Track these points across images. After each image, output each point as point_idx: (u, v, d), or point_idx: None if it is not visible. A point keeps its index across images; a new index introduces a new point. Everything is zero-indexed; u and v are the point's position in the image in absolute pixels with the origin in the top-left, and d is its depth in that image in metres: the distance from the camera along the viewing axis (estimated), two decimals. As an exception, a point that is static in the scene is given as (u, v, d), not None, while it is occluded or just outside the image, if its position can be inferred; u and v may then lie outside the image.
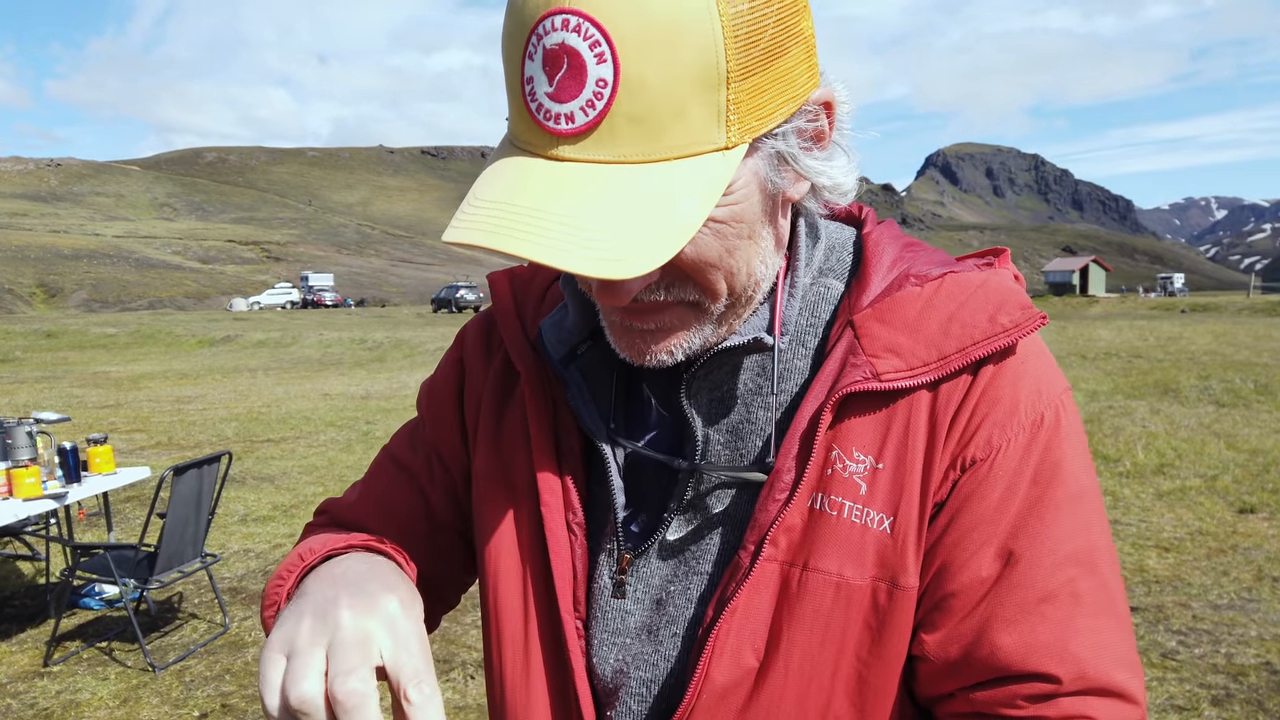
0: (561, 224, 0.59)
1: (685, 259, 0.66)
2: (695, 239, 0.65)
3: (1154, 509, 6.57)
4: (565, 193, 0.60)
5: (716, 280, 0.68)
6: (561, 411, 0.81)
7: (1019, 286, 0.75)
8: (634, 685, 0.77)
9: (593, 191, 0.60)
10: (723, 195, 0.64)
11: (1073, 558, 0.69)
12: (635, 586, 0.78)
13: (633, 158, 0.60)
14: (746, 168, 0.65)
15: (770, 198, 0.69)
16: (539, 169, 0.62)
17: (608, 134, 0.60)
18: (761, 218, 0.69)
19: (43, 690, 4.13)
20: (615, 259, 0.58)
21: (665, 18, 0.58)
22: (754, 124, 0.63)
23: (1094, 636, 0.68)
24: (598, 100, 0.59)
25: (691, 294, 0.69)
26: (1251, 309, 32.64)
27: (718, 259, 0.67)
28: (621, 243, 0.58)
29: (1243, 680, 3.90)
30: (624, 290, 0.66)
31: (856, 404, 0.71)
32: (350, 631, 0.59)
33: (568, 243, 0.58)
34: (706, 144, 0.61)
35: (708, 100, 0.60)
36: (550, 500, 0.79)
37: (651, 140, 0.60)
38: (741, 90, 0.61)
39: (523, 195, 0.60)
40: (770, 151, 0.67)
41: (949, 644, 0.70)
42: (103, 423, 11.89)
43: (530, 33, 0.60)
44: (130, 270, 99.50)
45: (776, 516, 0.70)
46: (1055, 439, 0.71)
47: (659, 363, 0.72)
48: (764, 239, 0.71)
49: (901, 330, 0.71)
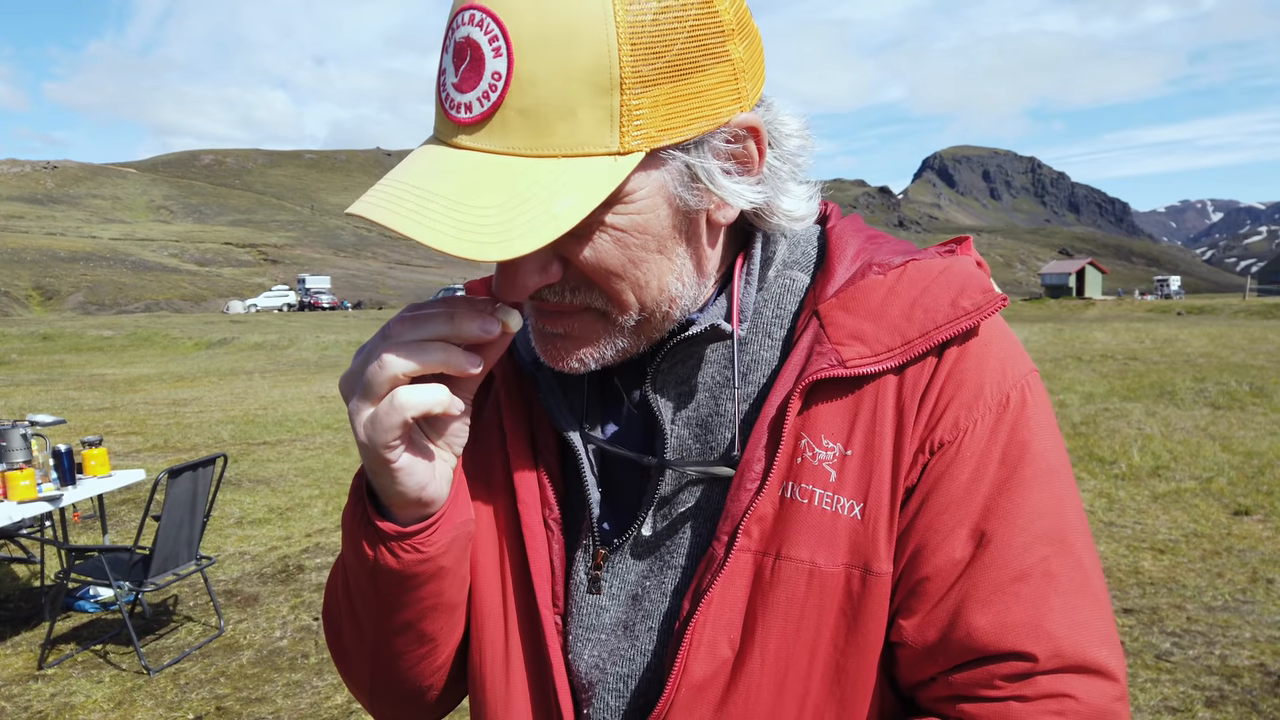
0: (444, 206, 0.61)
1: (585, 263, 0.67)
2: (595, 244, 0.66)
3: (1149, 511, 6.59)
4: (454, 177, 0.62)
5: (622, 290, 0.69)
6: (537, 411, 0.82)
7: (981, 271, 0.75)
8: (611, 681, 0.77)
9: (478, 179, 0.62)
10: (621, 202, 0.65)
11: (1045, 536, 0.69)
12: (611, 582, 0.78)
13: (521, 151, 0.62)
14: (650, 179, 0.66)
15: (683, 215, 0.69)
16: (439, 155, 0.65)
17: (499, 126, 0.62)
18: (672, 234, 0.69)
19: (37, 693, 4.13)
20: (481, 242, 0.59)
21: (561, 19, 0.60)
22: (654, 134, 0.64)
23: (1069, 614, 0.68)
24: (492, 93, 0.62)
25: (598, 301, 0.70)
26: (1247, 311, 32.72)
27: (620, 268, 0.68)
28: (494, 227, 0.60)
29: (1236, 682, 3.91)
30: (517, 284, 0.68)
31: (824, 392, 0.71)
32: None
33: (444, 223, 0.60)
34: (597, 146, 0.62)
35: (599, 103, 0.61)
36: (527, 498, 0.80)
37: (540, 136, 0.62)
38: (641, 98, 0.62)
39: (417, 177, 0.64)
40: (679, 165, 0.67)
41: (926, 628, 0.70)
42: (98, 425, 11.87)
43: (449, 26, 0.65)
44: (127, 273, 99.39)
45: (748, 506, 0.71)
46: (1022, 419, 0.71)
47: (571, 369, 0.73)
48: (679, 257, 0.71)
49: (865, 318, 0.72)
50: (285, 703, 4.01)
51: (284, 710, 3.94)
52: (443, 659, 0.84)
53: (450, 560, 0.76)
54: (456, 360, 0.68)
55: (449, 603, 0.79)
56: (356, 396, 0.68)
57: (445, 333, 0.68)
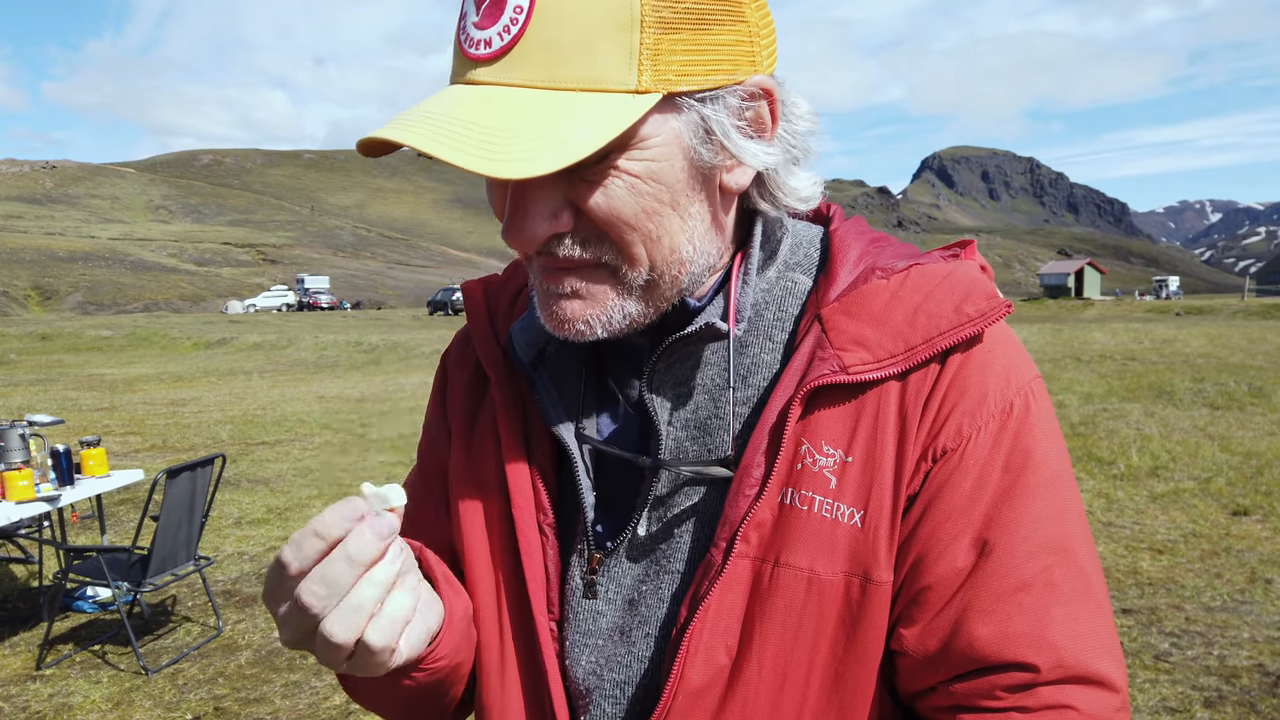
0: (459, 127, 0.61)
1: (598, 210, 0.66)
2: (608, 190, 0.65)
3: (1148, 511, 6.59)
4: (469, 105, 0.63)
5: (634, 242, 0.68)
6: (532, 413, 0.81)
7: (985, 276, 0.75)
8: (608, 688, 0.76)
9: (494, 108, 0.62)
10: (636, 147, 0.65)
11: (1047, 545, 0.69)
12: (607, 587, 0.78)
13: (539, 83, 0.62)
14: (666, 126, 0.66)
15: (698, 169, 0.69)
16: (454, 90, 0.65)
17: (519, 58, 0.62)
18: (687, 188, 0.69)
19: (35, 694, 4.12)
20: (495, 159, 0.59)
21: None
22: (672, 78, 0.64)
23: (1071, 624, 0.68)
24: (513, 25, 0.62)
25: (607, 254, 0.68)
26: (1246, 312, 32.74)
27: (633, 217, 0.67)
28: (509, 149, 0.60)
29: (1235, 682, 3.91)
30: (527, 232, 0.67)
31: (825, 397, 0.71)
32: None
33: (460, 140, 0.60)
34: (615, 83, 0.62)
35: (619, 39, 0.62)
36: (521, 502, 0.79)
37: (558, 68, 0.62)
38: (660, 39, 0.63)
39: (431, 105, 0.64)
40: (694, 116, 0.67)
41: (927, 637, 0.69)
42: (97, 425, 11.86)
43: None
44: (126, 273, 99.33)
45: (747, 512, 0.70)
46: (1025, 426, 0.70)
47: (577, 333, 0.71)
48: (692, 216, 0.70)
49: (868, 323, 0.71)
50: (283, 703, 4.00)
51: (282, 711, 3.94)
52: (461, 691, 0.85)
53: (463, 655, 0.78)
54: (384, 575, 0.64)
55: (462, 675, 0.81)
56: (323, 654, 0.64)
57: (358, 573, 0.63)
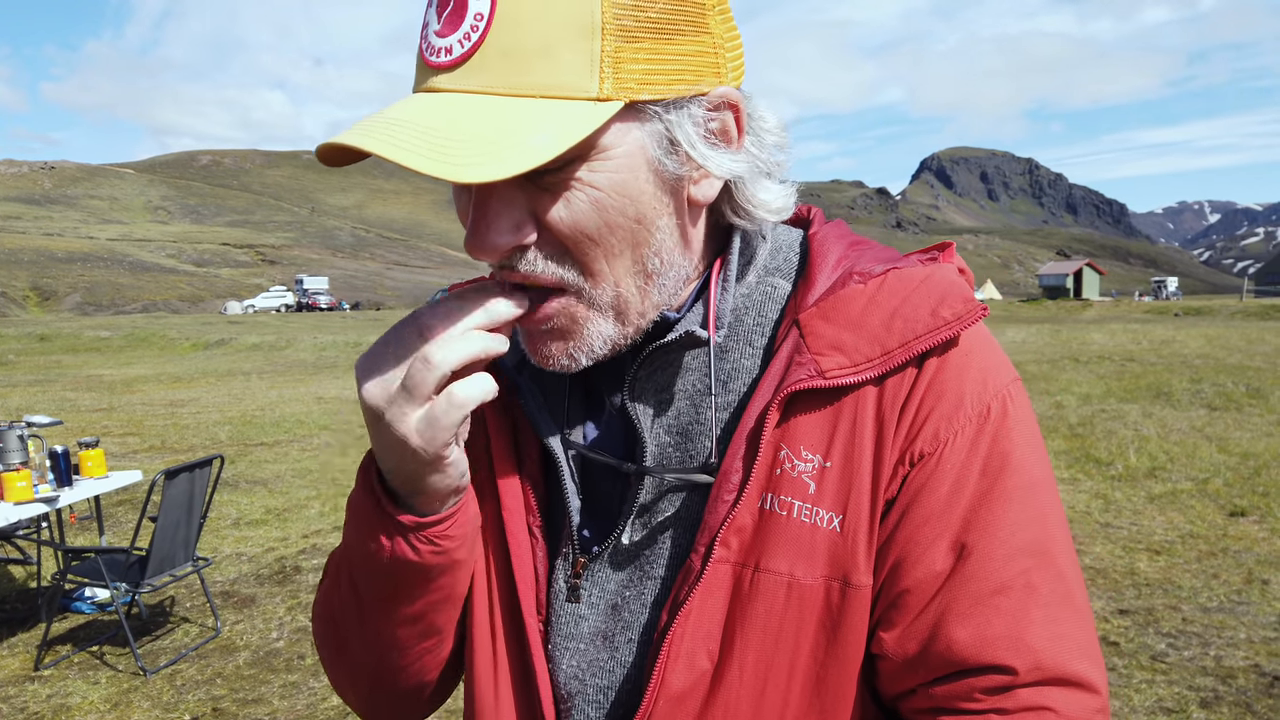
0: (415, 131, 0.61)
1: (560, 224, 0.66)
2: (570, 202, 0.65)
3: (1145, 512, 6.60)
4: (428, 112, 0.62)
5: (595, 258, 0.68)
6: (520, 417, 0.82)
7: (963, 280, 0.75)
8: (591, 692, 0.77)
9: (453, 114, 0.62)
10: (598, 158, 0.65)
11: (1026, 548, 0.69)
12: (590, 591, 0.78)
13: (499, 90, 0.62)
14: (628, 136, 0.66)
15: (663, 181, 0.69)
16: (414, 99, 0.65)
17: (478, 65, 0.62)
18: (653, 200, 0.68)
19: (33, 694, 4.12)
20: (452, 164, 0.59)
21: None
22: (634, 85, 0.64)
23: (1050, 627, 0.68)
24: (473, 33, 0.62)
25: (570, 273, 0.68)
26: (1244, 312, 32.76)
27: (596, 231, 0.66)
28: (463, 153, 0.60)
29: (1231, 683, 3.92)
30: (488, 242, 0.66)
31: (803, 402, 0.71)
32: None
33: (415, 143, 0.60)
34: (576, 90, 0.62)
35: (580, 46, 0.62)
36: (511, 504, 0.80)
37: (518, 75, 0.62)
38: (622, 47, 0.63)
39: (390, 112, 0.64)
40: (658, 126, 0.67)
41: (906, 640, 0.69)
42: (95, 426, 11.85)
43: None
44: (124, 273, 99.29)
45: (726, 517, 0.70)
46: (1003, 429, 0.71)
47: (563, 367, 0.72)
48: (658, 230, 0.69)
49: (845, 327, 0.71)
50: (282, 704, 4.01)
51: (280, 711, 3.94)
52: (446, 652, 0.84)
53: (464, 552, 0.76)
54: (496, 345, 0.68)
55: (458, 595, 0.80)
56: (400, 400, 0.66)
57: (483, 321, 0.67)
